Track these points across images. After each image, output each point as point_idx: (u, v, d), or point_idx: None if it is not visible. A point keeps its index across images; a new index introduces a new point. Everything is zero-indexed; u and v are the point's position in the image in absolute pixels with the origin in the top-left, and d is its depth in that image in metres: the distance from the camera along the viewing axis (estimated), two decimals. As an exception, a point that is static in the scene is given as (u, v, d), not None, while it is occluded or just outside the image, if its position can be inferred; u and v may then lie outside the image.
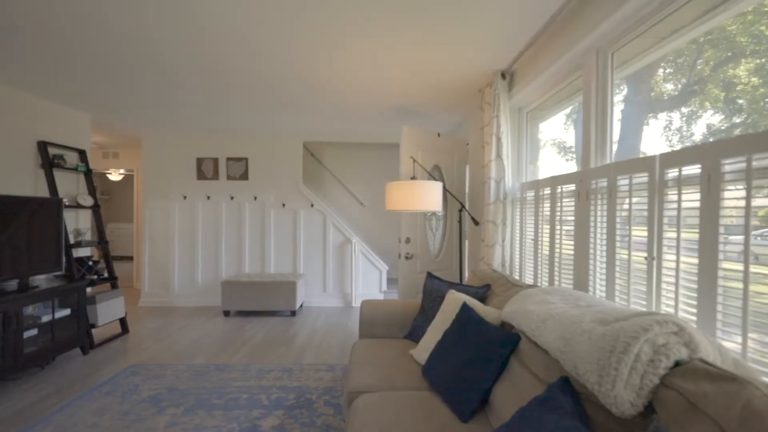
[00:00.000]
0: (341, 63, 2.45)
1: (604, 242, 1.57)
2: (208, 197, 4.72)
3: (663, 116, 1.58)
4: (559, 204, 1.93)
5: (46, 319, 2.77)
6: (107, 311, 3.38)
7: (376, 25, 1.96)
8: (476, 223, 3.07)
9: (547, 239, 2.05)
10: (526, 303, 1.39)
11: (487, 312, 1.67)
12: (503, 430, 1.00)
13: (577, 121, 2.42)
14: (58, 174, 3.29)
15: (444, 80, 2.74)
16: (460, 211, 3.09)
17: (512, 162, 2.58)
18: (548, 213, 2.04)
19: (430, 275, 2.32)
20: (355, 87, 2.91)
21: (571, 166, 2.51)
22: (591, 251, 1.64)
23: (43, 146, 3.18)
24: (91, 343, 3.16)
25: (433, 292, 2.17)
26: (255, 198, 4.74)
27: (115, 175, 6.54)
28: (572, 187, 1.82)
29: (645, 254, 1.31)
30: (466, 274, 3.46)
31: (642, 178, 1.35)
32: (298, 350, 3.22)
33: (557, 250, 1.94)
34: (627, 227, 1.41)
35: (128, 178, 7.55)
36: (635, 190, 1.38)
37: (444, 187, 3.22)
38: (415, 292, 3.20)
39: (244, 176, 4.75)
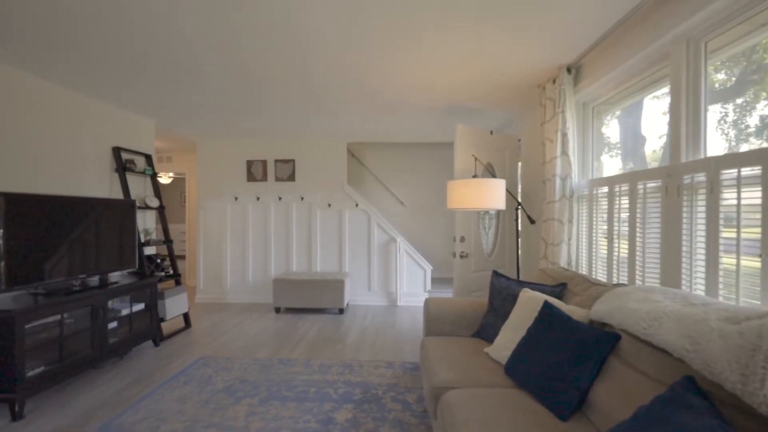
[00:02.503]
0: (396, 65, 2.48)
1: (702, 239, 1.51)
2: (258, 198, 4.89)
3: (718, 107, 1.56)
4: (641, 201, 1.87)
5: (125, 312, 2.97)
6: (174, 306, 3.58)
7: (440, 25, 1.98)
8: (532, 221, 3.02)
9: (625, 237, 1.99)
10: (626, 301, 1.36)
11: (572, 311, 1.65)
12: (628, 428, 0.99)
13: (628, 117, 2.34)
14: (128, 177, 3.52)
15: (500, 77, 2.72)
16: (517, 209, 3.05)
17: (578, 158, 2.52)
18: (626, 210, 1.98)
19: (496, 274, 2.30)
20: (407, 88, 2.94)
21: (616, 163, 2.44)
22: (685, 248, 1.58)
23: (117, 152, 3.41)
24: (161, 336, 3.36)
25: (503, 290, 2.16)
26: (302, 198, 4.87)
27: (165, 178, 6.91)
28: (656, 183, 1.76)
29: (759, 252, 1.25)
30: (522, 272, 3.40)
31: (753, 171, 1.29)
32: (353, 347, 3.29)
33: (638, 248, 1.88)
34: (733, 223, 1.35)
35: (177, 181, 7.94)
36: (745, 185, 1.32)
37: (499, 185, 3.19)
38: (469, 291, 3.19)
39: (291, 177, 4.89)
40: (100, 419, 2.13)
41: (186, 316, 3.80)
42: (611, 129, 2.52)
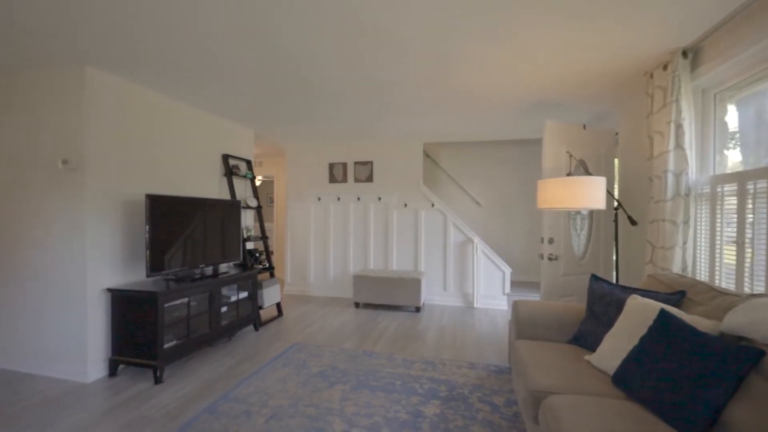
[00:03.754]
0: (484, 63, 2.45)
1: None
2: (338, 198, 5.19)
3: None
4: (785, 199, 1.61)
5: (233, 299, 3.39)
6: (270, 296, 3.98)
7: (535, 20, 1.91)
8: (633, 222, 2.75)
9: (762, 242, 1.73)
10: (773, 313, 1.19)
11: (695, 321, 1.48)
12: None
13: (747, 103, 2.00)
14: (234, 180, 3.99)
15: (597, 68, 2.52)
16: (616, 209, 2.81)
17: (695, 152, 2.24)
18: (764, 210, 1.71)
19: (595, 278, 2.16)
20: (491, 86, 2.88)
21: (734, 156, 2.10)
22: None
23: (225, 158, 3.90)
24: (260, 321, 3.75)
25: (604, 296, 2.02)
26: (379, 199, 5.04)
27: (256, 181, 7.66)
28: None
29: None
30: (622, 278, 3.12)
31: None
32: (433, 345, 3.32)
33: (782, 255, 1.62)
34: None
35: (266, 183, 8.75)
36: None
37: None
38: (558, 296, 3.02)
39: (370, 178, 5.09)
40: (219, 390, 2.47)
41: (279, 305, 4.19)
42: (736, 118, 2.20)
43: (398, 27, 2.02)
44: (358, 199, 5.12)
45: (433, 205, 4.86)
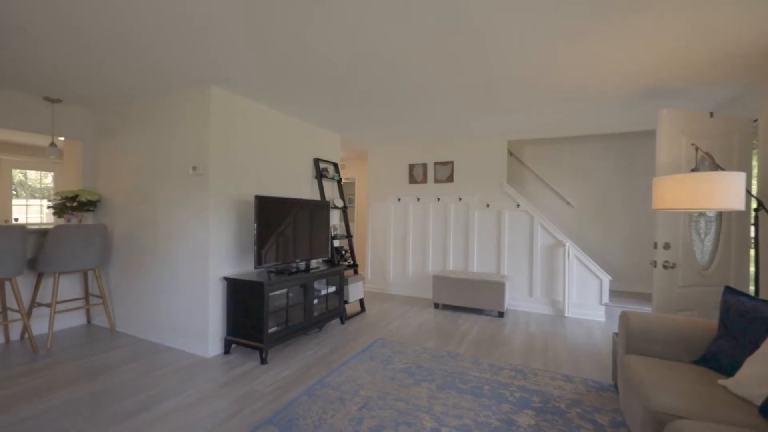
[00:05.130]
0: (587, 52, 2.25)
1: None
2: (418, 199, 5.23)
3: None
4: None
5: (323, 292, 3.64)
6: (354, 292, 4.18)
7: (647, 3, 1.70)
8: (782, 226, 2.28)
9: None
10: None
11: None
12: None
13: None
14: (323, 182, 4.28)
15: (723, 45, 2.14)
16: (757, 210, 2.36)
17: None
18: None
19: (730, 291, 1.84)
20: (592, 76, 2.63)
21: None
22: None
23: (316, 162, 4.21)
24: (345, 315, 3.97)
25: (745, 312, 1.71)
26: (460, 199, 4.96)
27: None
28: None
29: None
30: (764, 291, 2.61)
31: None
32: (521, 353, 3.15)
33: None
34: None
35: (346, 185, 9.21)
36: None
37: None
38: (675, 310, 2.64)
39: (450, 179, 5.03)
40: (315, 375, 2.67)
41: (362, 301, 4.38)
42: None
43: (502, 25, 1.97)
44: (438, 199, 5.10)
45: (518, 205, 4.62)
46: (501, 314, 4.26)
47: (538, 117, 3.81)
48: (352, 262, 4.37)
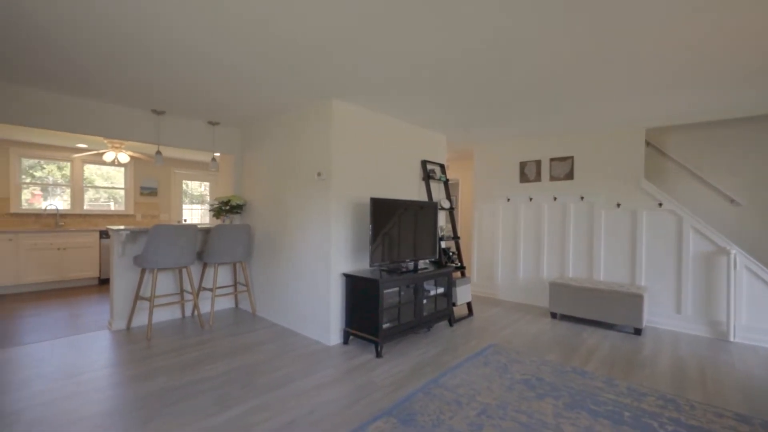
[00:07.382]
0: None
1: None
2: (530, 198, 4.85)
3: None
4: None
5: (432, 293, 3.65)
6: (462, 294, 4.10)
7: None
8: None
9: None
10: None
11: None
12: None
13: None
14: (431, 184, 4.31)
15: None
16: None
17: None
18: None
19: None
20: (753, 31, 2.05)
21: None
22: None
23: (424, 164, 4.26)
24: (453, 318, 3.91)
25: None
26: (581, 198, 4.43)
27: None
28: None
29: None
30: None
31: None
32: (670, 379, 2.65)
33: None
34: None
35: (450, 186, 9.13)
36: None
37: None
38: None
39: (569, 176, 4.54)
40: (428, 374, 2.70)
41: (469, 305, 4.26)
42: None
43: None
44: (555, 198, 4.65)
45: (660, 204, 3.91)
46: (638, 331, 3.65)
47: (681, 98, 3.16)
48: (459, 264, 4.29)
